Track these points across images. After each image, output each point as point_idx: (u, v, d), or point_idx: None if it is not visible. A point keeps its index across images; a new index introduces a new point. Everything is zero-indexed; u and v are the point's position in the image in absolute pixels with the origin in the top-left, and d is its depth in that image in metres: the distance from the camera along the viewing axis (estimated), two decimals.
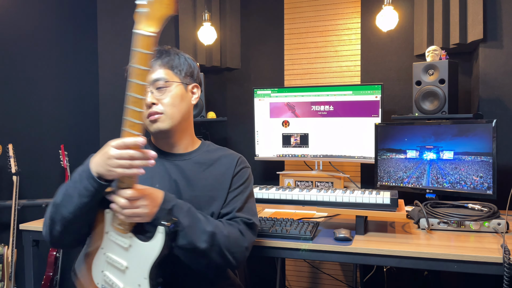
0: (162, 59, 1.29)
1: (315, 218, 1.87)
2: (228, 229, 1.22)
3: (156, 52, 1.28)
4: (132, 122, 1.03)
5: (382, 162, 2.06)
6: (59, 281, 2.77)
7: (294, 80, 2.64)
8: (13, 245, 2.57)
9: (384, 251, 1.42)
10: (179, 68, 1.31)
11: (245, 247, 1.26)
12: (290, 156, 2.41)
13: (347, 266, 2.55)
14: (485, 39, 2.10)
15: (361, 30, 2.50)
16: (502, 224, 1.58)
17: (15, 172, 2.62)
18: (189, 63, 1.34)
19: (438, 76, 2.03)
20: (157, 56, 1.28)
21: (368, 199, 1.60)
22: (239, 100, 2.78)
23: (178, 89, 1.29)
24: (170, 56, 1.31)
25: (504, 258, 1.29)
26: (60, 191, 1.14)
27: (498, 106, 2.09)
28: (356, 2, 2.50)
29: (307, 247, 1.49)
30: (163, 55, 1.30)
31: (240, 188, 1.34)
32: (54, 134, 2.96)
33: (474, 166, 1.81)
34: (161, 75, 1.27)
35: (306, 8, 2.60)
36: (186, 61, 1.34)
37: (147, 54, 0.99)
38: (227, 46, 2.73)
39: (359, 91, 2.25)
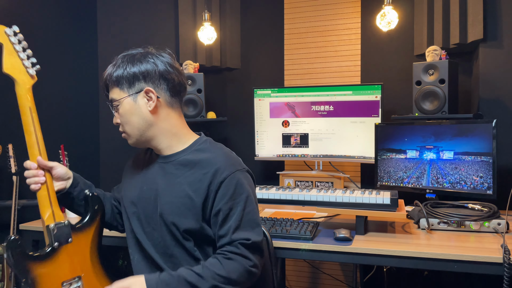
0: (111, 78, 1.26)
1: (315, 218, 1.87)
2: (228, 268, 1.14)
3: (107, 70, 1.28)
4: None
5: (382, 162, 2.06)
6: None
7: (294, 80, 2.64)
8: None
9: (384, 251, 1.42)
10: (122, 81, 1.23)
11: (251, 272, 1.18)
12: (290, 156, 2.41)
13: (347, 266, 2.55)
14: (485, 39, 2.10)
15: (361, 30, 2.50)
16: (502, 224, 1.58)
17: (15, 172, 2.62)
18: (133, 71, 1.22)
19: (438, 76, 2.03)
20: (106, 74, 1.28)
21: (368, 199, 1.60)
22: (239, 100, 2.78)
23: (125, 105, 1.23)
24: (116, 71, 1.24)
25: (504, 258, 1.29)
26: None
27: (498, 106, 2.09)
28: (356, 2, 2.50)
29: (307, 247, 1.49)
30: (113, 72, 1.25)
31: (231, 202, 1.18)
32: (54, 134, 2.95)
33: (474, 166, 1.81)
34: (111, 95, 1.27)
35: (306, 8, 2.60)
36: (128, 68, 1.23)
37: None
38: (227, 46, 2.73)
39: (359, 91, 2.25)
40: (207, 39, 2.56)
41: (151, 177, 1.28)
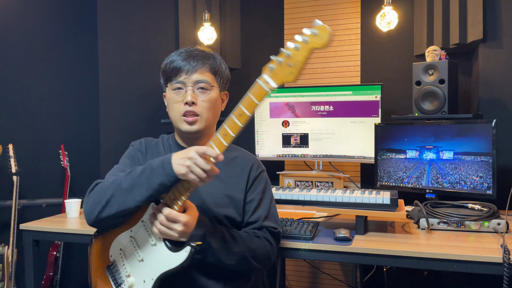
0: (210, 62, 1.32)
1: (315, 218, 1.87)
2: (256, 243, 1.27)
3: (203, 54, 1.32)
4: (226, 131, 1.08)
5: (382, 162, 2.06)
6: (59, 281, 2.77)
7: None
8: (13, 245, 2.57)
9: (384, 251, 1.42)
10: (221, 75, 1.35)
11: (270, 257, 1.31)
12: (290, 156, 2.41)
13: (347, 266, 2.55)
14: (485, 39, 2.10)
15: (361, 30, 2.50)
16: (502, 224, 1.58)
17: (15, 172, 2.62)
18: (228, 72, 1.39)
19: (438, 76, 2.03)
20: (205, 58, 1.31)
21: (368, 199, 1.60)
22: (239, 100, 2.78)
23: (215, 94, 1.33)
24: (216, 62, 1.34)
25: (504, 258, 1.29)
26: (127, 178, 1.16)
27: (498, 106, 2.09)
28: (356, 2, 2.50)
29: (307, 247, 1.49)
30: (210, 59, 1.33)
31: (262, 194, 1.37)
32: (54, 134, 2.96)
33: (474, 166, 1.81)
34: (206, 78, 1.30)
35: (306, 8, 2.60)
36: (226, 70, 1.39)
37: (255, 103, 1.07)
38: (227, 46, 2.73)
39: (359, 91, 2.25)
40: (207, 39, 2.56)
41: None
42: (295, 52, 0.98)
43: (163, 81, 1.36)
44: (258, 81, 1.06)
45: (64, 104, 3.01)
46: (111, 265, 1.27)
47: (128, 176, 1.16)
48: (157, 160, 1.14)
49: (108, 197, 1.16)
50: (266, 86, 1.04)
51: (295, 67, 0.99)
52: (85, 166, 2.99)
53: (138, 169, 1.16)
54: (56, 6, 2.98)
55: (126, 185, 1.14)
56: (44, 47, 2.92)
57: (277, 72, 1.02)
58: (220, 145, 1.09)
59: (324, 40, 0.96)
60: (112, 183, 1.18)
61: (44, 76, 2.93)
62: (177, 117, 1.30)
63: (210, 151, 1.06)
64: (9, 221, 2.60)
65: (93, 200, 1.20)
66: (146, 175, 1.13)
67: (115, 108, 2.84)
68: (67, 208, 1.98)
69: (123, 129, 2.83)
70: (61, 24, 3.01)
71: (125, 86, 2.83)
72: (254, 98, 1.06)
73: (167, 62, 1.33)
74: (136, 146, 1.41)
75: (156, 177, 1.11)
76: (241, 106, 1.08)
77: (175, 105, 1.30)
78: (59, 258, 2.77)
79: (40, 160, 2.89)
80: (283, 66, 1.00)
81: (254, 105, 1.06)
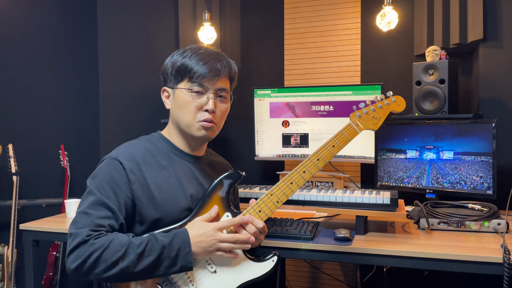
0: (230, 68, 1.27)
1: (315, 218, 1.87)
2: None
3: (226, 61, 1.27)
4: (320, 156, 1.32)
5: (382, 162, 2.06)
6: (59, 281, 2.77)
7: (294, 80, 2.64)
8: (13, 245, 2.57)
9: (384, 251, 1.42)
10: (234, 81, 1.32)
11: None
12: (290, 156, 2.41)
13: (347, 266, 2.55)
14: (485, 39, 2.10)
15: (361, 30, 2.50)
16: (502, 224, 1.58)
17: (15, 172, 2.63)
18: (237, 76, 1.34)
19: (438, 76, 2.03)
20: (228, 66, 1.26)
21: (368, 199, 1.60)
22: (239, 100, 2.77)
23: (229, 103, 1.30)
24: (232, 68, 1.29)
25: (504, 258, 1.29)
26: (140, 261, 1.07)
27: (498, 106, 2.09)
28: (356, 2, 2.50)
29: (307, 247, 1.49)
30: (231, 66, 1.28)
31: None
32: (54, 134, 2.96)
33: (474, 166, 1.81)
34: (226, 86, 1.26)
35: (306, 8, 2.60)
36: (237, 73, 1.33)
37: (346, 140, 1.29)
38: (227, 46, 2.73)
39: (359, 91, 2.25)
40: (207, 39, 2.56)
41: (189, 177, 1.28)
42: (379, 109, 1.29)
43: (172, 77, 1.26)
44: (352, 123, 1.29)
45: (64, 104, 3.01)
46: (164, 281, 1.16)
47: (141, 261, 1.08)
48: (174, 249, 1.10)
49: (115, 273, 1.07)
50: (358, 128, 1.28)
51: (379, 120, 1.29)
52: (85, 166, 2.99)
53: (152, 252, 1.08)
54: (56, 6, 2.98)
55: (138, 270, 1.08)
56: (44, 47, 2.92)
57: (365, 119, 1.28)
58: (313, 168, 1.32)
59: (401, 107, 1.31)
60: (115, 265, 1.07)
61: (44, 76, 2.93)
62: (191, 121, 1.22)
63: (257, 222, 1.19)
64: (9, 221, 2.60)
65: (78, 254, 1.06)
66: (164, 266, 1.09)
67: (115, 108, 2.84)
68: (67, 208, 1.98)
69: (123, 129, 2.83)
70: (61, 24, 3.01)
71: (125, 86, 2.83)
72: (346, 135, 1.28)
73: (184, 61, 1.23)
74: (127, 167, 1.18)
75: (175, 268, 1.11)
76: (334, 140, 1.29)
77: (193, 108, 1.22)
78: (59, 258, 2.77)
79: (40, 160, 2.89)
80: (370, 117, 1.29)
81: (347, 141, 1.28)
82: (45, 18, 2.94)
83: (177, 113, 1.25)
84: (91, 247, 1.06)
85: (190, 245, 1.10)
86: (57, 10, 2.99)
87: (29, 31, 2.86)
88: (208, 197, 1.23)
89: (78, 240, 1.07)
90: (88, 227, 1.09)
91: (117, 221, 1.13)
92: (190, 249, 1.10)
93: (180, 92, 1.23)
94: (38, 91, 2.90)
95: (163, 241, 1.09)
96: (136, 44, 2.82)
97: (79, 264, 1.06)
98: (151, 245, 1.09)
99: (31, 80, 2.87)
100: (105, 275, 1.07)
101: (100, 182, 1.16)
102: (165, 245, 1.09)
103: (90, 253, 1.06)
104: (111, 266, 1.06)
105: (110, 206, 1.12)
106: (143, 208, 1.17)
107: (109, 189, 1.14)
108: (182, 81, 1.23)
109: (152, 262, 1.08)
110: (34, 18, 2.89)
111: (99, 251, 1.06)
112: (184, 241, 1.10)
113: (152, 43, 2.80)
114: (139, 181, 1.18)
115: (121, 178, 1.16)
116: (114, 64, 2.84)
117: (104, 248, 1.06)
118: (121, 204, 1.14)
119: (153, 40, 2.80)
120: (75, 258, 1.06)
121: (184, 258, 1.09)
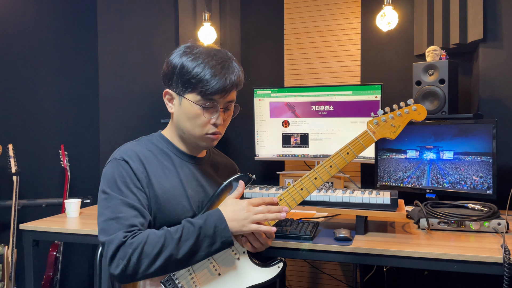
0: (238, 78, 1.23)
1: (315, 218, 1.87)
2: None
3: (236, 71, 1.23)
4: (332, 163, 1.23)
5: (382, 162, 2.06)
6: (59, 281, 2.77)
7: (294, 80, 2.64)
8: (13, 245, 2.57)
9: (384, 251, 1.42)
10: (240, 88, 1.28)
11: None
12: (290, 156, 2.41)
13: (347, 266, 2.54)
14: (485, 39, 2.10)
15: (361, 30, 2.50)
16: (502, 224, 1.58)
17: (15, 172, 2.62)
18: None
19: (438, 76, 2.03)
20: (237, 76, 1.23)
21: (368, 199, 1.59)
22: (239, 100, 2.77)
23: (233, 109, 1.30)
24: (240, 76, 1.25)
25: (504, 258, 1.29)
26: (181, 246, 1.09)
27: (498, 106, 2.09)
28: (356, 2, 2.50)
29: (307, 247, 1.49)
30: (236, 73, 1.23)
31: None
32: (54, 134, 2.96)
33: (474, 166, 1.81)
34: (234, 96, 1.25)
35: (306, 8, 2.60)
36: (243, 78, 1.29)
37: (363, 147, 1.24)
38: (227, 46, 2.73)
39: (359, 91, 2.25)
40: (207, 39, 2.56)
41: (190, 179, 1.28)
42: (398, 117, 1.24)
43: (179, 84, 1.20)
44: (368, 130, 1.25)
45: (64, 104, 3.01)
46: (167, 280, 1.16)
47: (181, 246, 1.09)
48: (210, 227, 1.11)
49: (159, 264, 1.08)
50: (374, 135, 1.24)
51: (397, 129, 1.25)
52: (85, 166, 2.99)
53: (190, 235, 1.10)
54: (56, 6, 2.98)
55: (181, 255, 1.09)
56: (44, 47, 2.92)
57: (382, 127, 1.25)
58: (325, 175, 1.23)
59: (422, 116, 1.24)
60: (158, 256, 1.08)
61: (44, 76, 2.93)
62: (199, 134, 1.22)
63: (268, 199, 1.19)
64: (9, 221, 2.60)
65: (122, 255, 1.07)
66: (205, 246, 1.11)
67: (115, 108, 2.84)
68: (67, 208, 1.98)
69: (123, 129, 2.83)
70: (61, 24, 3.01)
71: (125, 86, 2.83)
72: (362, 143, 1.24)
73: (196, 71, 1.16)
74: (134, 166, 1.17)
75: (216, 245, 1.12)
76: (349, 147, 1.24)
77: (201, 122, 1.20)
78: (59, 258, 2.77)
79: (40, 160, 2.89)
80: (388, 124, 1.25)
81: (362, 148, 1.24)
82: (45, 18, 2.94)
83: (184, 122, 1.22)
84: (131, 246, 1.06)
85: (225, 220, 1.12)
86: (57, 10, 2.99)
87: (29, 31, 2.86)
88: (216, 198, 1.24)
89: (115, 244, 1.07)
90: (121, 230, 1.08)
91: (145, 218, 1.14)
92: (226, 223, 1.11)
93: (188, 103, 1.19)
94: (38, 91, 2.90)
95: (198, 223, 1.12)
96: (136, 44, 2.82)
97: (123, 267, 1.06)
98: (187, 229, 1.11)
99: (31, 80, 2.87)
100: (151, 269, 1.07)
101: (115, 185, 1.14)
102: (201, 226, 1.11)
103: (132, 252, 1.06)
104: (154, 259, 1.06)
105: (134, 204, 1.12)
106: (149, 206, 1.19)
107: (126, 190, 1.14)
108: (192, 92, 1.19)
109: (192, 244, 1.09)
110: (34, 18, 2.89)
111: (140, 247, 1.06)
112: (219, 217, 1.12)
113: (152, 43, 2.80)
114: (145, 180, 1.18)
115: (132, 177, 1.16)
116: (114, 64, 2.84)
117: (144, 243, 1.06)
118: (141, 201, 1.15)
119: (153, 40, 2.80)
120: (118, 262, 1.06)
121: (222, 233, 1.11)
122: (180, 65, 1.19)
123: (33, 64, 2.87)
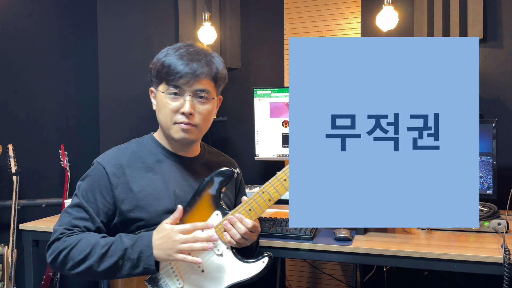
0: (211, 68, 1.21)
1: None
2: None
3: (207, 60, 1.20)
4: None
5: None
6: (59, 281, 2.77)
7: None
8: (13, 245, 2.57)
9: (384, 251, 1.42)
10: (220, 81, 1.25)
11: None
12: None
13: (347, 266, 2.54)
14: (485, 39, 2.10)
15: (361, 30, 2.50)
16: (502, 224, 1.58)
17: (15, 172, 2.62)
18: (226, 73, 1.28)
19: None
20: (208, 65, 1.20)
21: None
22: (239, 100, 2.78)
23: (213, 104, 1.25)
24: (218, 67, 1.23)
25: (504, 258, 1.29)
26: (102, 262, 1.11)
27: (498, 106, 2.09)
28: (356, 2, 2.50)
29: (307, 247, 1.49)
30: (213, 64, 1.22)
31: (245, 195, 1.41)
32: (54, 134, 2.96)
33: None
34: (207, 87, 1.20)
35: (306, 8, 2.60)
36: (225, 70, 1.27)
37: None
38: (227, 46, 2.73)
39: None
40: (207, 39, 2.56)
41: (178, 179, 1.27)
42: None
43: (154, 78, 1.24)
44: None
45: (64, 104, 3.01)
46: (153, 278, 1.19)
47: (103, 261, 1.11)
48: (136, 251, 1.11)
49: (82, 268, 1.12)
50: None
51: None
52: (85, 166, 2.97)
53: (115, 253, 1.11)
54: (56, 6, 2.98)
55: (101, 269, 1.12)
56: (44, 47, 2.92)
57: None
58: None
59: None
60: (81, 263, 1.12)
61: (44, 76, 2.93)
62: (168, 123, 1.22)
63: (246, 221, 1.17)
64: (9, 221, 2.60)
65: (54, 249, 1.15)
66: (127, 268, 1.11)
67: (115, 108, 2.84)
68: None
69: (123, 129, 2.83)
70: (61, 24, 3.01)
71: (125, 86, 2.83)
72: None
73: (163, 60, 1.19)
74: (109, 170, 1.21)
75: (138, 270, 1.11)
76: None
77: (168, 111, 1.20)
78: None
79: (40, 160, 2.89)
80: None
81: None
82: (45, 18, 2.94)
83: (158, 115, 1.26)
84: (62, 244, 1.14)
85: (152, 248, 1.11)
86: (57, 9, 2.99)
87: (29, 31, 2.86)
88: (198, 195, 1.22)
89: (54, 236, 1.16)
90: (65, 226, 1.17)
91: (93, 224, 1.19)
92: (151, 252, 1.10)
93: (159, 95, 1.23)
94: (38, 91, 2.90)
95: (127, 243, 1.12)
96: (136, 44, 2.82)
97: (52, 258, 1.15)
98: (115, 246, 1.12)
99: (31, 80, 2.87)
100: (74, 271, 1.13)
101: (84, 186, 1.22)
102: (127, 247, 1.11)
103: (61, 250, 1.13)
104: (77, 264, 1.12)
105: (88, 209, 1.18)
106: (127, 211, 1.20)
107: (90, 194, 1.20)
108: (161, 82, 1.22)
109: (115, 262, 1.11)
110: (34, 17, 2.89)
111: (68, 249, 1.13)
112: (147, 244, 1.11)
113: (152, 43, 2.80)
114: (122, 184, 1.21)
115: (102, 183, 1.21)
116: (114, 64, 2.84)
117: (72, 246, 1.13)
118: (99, 209, 1.19)
119: (153, 40, 2.80)
120: (50, 252, 1.16)
121: (146, 260, 1.10)
122: (155, 60, 1.24)
123: (33, 64, 2.87)
